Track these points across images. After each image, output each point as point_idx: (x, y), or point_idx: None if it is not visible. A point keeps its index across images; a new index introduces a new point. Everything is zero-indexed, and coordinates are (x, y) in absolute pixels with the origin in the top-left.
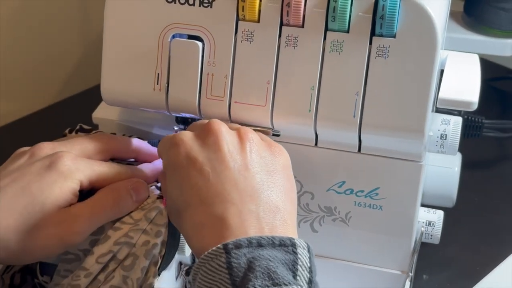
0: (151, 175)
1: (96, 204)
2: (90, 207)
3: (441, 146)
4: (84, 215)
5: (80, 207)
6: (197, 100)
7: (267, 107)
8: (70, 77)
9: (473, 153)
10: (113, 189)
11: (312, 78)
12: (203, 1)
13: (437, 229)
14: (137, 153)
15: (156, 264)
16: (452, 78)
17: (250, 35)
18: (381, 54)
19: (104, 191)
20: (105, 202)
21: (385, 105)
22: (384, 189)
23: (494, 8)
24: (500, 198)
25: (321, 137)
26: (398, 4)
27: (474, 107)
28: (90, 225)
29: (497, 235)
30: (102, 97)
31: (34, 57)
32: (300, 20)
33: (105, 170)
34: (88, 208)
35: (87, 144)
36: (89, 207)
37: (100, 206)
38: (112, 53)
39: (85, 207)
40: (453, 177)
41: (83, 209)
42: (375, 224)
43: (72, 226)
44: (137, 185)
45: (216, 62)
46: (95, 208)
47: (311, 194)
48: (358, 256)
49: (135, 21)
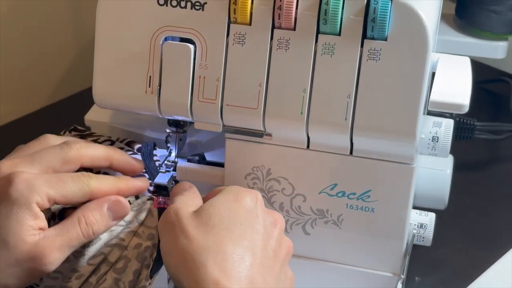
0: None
1: (67, 233)
2: (61, 237)
3: (432, 148)
4: (55, 246)
5: (50, 238)
6: (189, 103)
7: (259, 109)
8: (63, 80)
9: (465, 155)
10: (84, 213)
11: (303, 81)
12: (195, 4)
13: (429, 231)
14: (110, 161)
15: (148, 267)
16: (443, 81)
17: (242, 38)
18: (372, 56)
19: (74, 216)
20: (76, 229)
21: (376, 107)
22: (376, 192)
23: (486, 10)
24: (492, 200)
25: (313, 139)
26: (389, 7)
27: (465, 109)
28: (62, 254)
29: (489, 237)
30: (94, 100)
31: (27, 60)
32: (291, 23)
33: (69, 187)
34: (59, 238)
35: (51, 156)
36: (59, 237)
37: (71, 234)
38: (104, 55)
39: (55, 237)
40: (445, 179)
41: (53, 240)
42: (367, 226)
43: (43, 259)
44: (114, 204)
45: (208, 65)
46: (66, 237)
47: (303, 196)
48: (350, 258)
49: (127, 23)
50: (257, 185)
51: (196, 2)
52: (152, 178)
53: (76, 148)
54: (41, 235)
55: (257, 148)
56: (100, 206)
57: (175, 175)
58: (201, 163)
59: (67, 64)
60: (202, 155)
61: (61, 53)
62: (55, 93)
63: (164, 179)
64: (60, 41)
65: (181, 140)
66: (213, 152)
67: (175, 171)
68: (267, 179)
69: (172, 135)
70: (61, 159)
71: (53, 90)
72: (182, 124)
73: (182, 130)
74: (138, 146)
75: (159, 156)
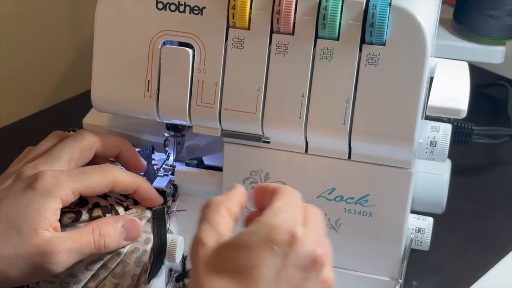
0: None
1: (79, 238)
2: (72, 240)
3: (430, 153)
4: (65, 247)
5: (62, 238)
6: (187, 107)
7: (258, 114)
8: (61, 82)
9: (463, 159)
10: (99, 224)
11: (302, 85)
12: (194, 8)
13: (426, 235)
14: (120, 149)
15: (146, 271)
16: (441, 86)
17: (240, 42)
18: (371, 61)
19: (89, 225)
20: (89, 237)
21: (374, 112)
22: (373, 196)
23: (484, 15)
24: (490, 204)
25: (311, 144)
26: (387, 12)
27: (463, 114)
28: (70, 258)
29: (486, 241)
30: (92, 104)
31: (26, 63)
32: (290, 28)
33: (93, 178)
34: (69, 242)
35: (68, 148)
36: (71, 240)
37: (83, 240)
38: (102, 59)
39: (66, 240)
40: (442, 184)
41: (64, 241)
42: (365, 231)
43: (51, 257)
44: (129, 224)
45: (206, 69)
46: (78, 242)
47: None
48: (348, 263)
49: (125, 27)
50: None
51: (194, 7)
52: (150, 182)
53: (88, 135)
54: (54, 234)
55: (255, 153)
56: (116, 222)
57: (173, 179)
58: (199, 167)
59: (66, 67)
60: (200, 159)
61: (60, 56)
62: (53, 96)
63: (162, 183)
64: (59, 44)
65: (179, 144)
66: (212, 156)
67: (173, 175)
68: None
69: (171, 139)
70: (78, 149)
71: (52, 93)
72: (181, 128)
73: (181, 134)
74: (137, 150)
75: (157, 160)
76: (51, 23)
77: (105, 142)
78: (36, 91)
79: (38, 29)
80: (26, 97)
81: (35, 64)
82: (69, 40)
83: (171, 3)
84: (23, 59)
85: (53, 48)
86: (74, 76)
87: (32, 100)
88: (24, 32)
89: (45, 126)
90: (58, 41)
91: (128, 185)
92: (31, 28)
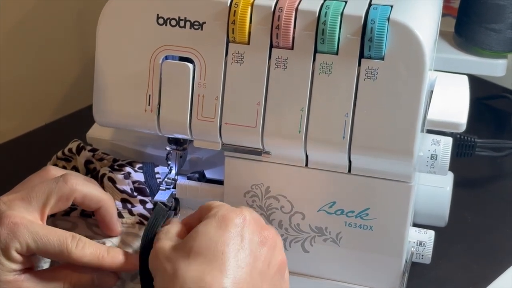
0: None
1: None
2: (35, 284)
3: (431, 166)
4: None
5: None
6: (188, 121)
7: (258, 128)
8: (66, 97)
9: (466, 172)
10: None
11: (301, 100)
12: (194, 23)
13: (428, 249)
14: (100, 206)
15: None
16: (441, 100)
17: (240, 57)
18: (369, 76)
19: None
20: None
21: (374, 126)
22: (374, 210)
23: (485, 29)
24: (493, 217)
25: (311, 158)
26: (386, 27)
27: (462, 128)
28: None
29: (489, 255)
30: (94, 118)
31: (31, 77)
32: (289, 42)
33: (51, 246)
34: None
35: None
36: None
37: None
38: (104, 74)
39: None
40: (445, 197)
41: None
42: (365, 244)
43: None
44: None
45: (207, 84)
46: (41, 285)
47: (301, 214)
48: (349, 276)
49: (127, 42)
50: (256, 202)
51: (195, 22)
52: (152, 196)
53: (71, 183)
54: (16, 276)
55: (256, 166)
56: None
57: (175, 193)
58: (200, 180)
59: (71, 81)
60: (202, 173)
61: (65, 70)
62: (58, 110)
63: (164, 197)
64: (63, 58)
65: (181, 157)
66: (214, 169)
67: (175, 189)
68: (266, 197)
69: (172, 152)
70: (56, 195)
71: (56, 107)
72: (182, 142)
73: (182, 148)
74: (139, 165)
75: (161, 173)
76: (56, 38)
77: (85, 195)
78: (41, 105)
79: (43, 44)
80: (32, 111)
81: (41, 78)
82: (74, 54)
83: (172, 18)
84: (29, 72)
85: (58, 62)
86: (79, 90)
87: (38, 114)
88: (30, 45)
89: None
90: (63, 55)
91: (88, 263)
92: (37, 42)
